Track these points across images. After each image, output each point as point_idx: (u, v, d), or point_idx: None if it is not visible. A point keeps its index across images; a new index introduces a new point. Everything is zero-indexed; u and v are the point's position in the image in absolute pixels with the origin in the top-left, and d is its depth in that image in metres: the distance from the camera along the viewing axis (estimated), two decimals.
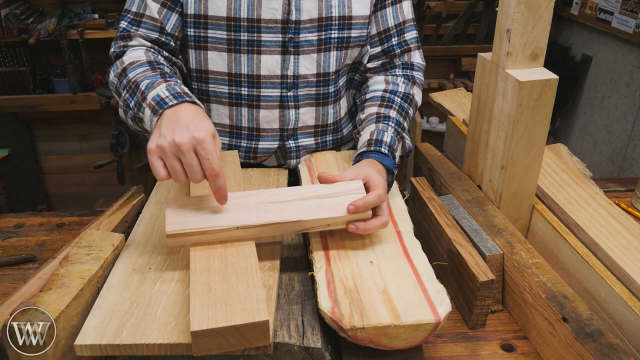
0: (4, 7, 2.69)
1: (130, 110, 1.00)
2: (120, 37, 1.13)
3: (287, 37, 1.11)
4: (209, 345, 0.67)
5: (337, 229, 0.89)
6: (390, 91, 1.16)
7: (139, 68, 1.02)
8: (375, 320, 0.71)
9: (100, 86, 3.05)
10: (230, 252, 0.80)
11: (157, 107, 0.90)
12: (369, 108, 1.14)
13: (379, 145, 1.04)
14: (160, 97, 0.92)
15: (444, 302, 0.75)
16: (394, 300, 0.75)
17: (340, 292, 0.77)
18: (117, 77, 1.06)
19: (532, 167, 1.00)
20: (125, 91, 1.01)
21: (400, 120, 1.12)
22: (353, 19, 1.13)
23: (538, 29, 0.94)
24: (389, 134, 1.06)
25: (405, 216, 0.95)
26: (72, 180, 3.32)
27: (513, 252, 0.89)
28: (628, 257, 0.87)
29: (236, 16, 1.09)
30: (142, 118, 0.96)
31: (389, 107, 1.13)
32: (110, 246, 0.87)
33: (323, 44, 1.13)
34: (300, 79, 1.15)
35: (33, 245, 1.10)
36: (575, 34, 2.98)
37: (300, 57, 1.13)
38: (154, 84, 0.95)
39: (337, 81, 1.20)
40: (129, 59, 1.06)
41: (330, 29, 1.12)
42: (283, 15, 1.09)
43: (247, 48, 1.12)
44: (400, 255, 0.85)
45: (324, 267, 0.83)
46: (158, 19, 1.11)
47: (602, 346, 0.71)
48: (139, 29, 1.11)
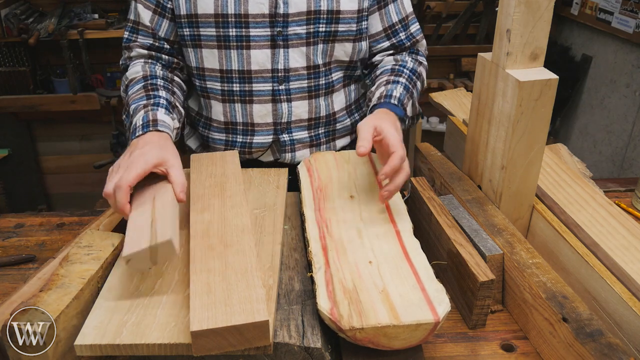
0: (4, 7, 2.69)
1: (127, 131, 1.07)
2: (125, 48, 1.20)
3: (275, 30, 1.13)
4: (209, 345, 0.67)
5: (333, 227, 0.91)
6: (399, 64, 1.23)
7: (134, 87, 1.10)
8: (374, 320, 0.71)
9: (100, 86, 3.05)
10: (230, 252, 0.80)
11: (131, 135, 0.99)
12: (379, 79, 1.21)
13: (388, 98, 1.11)
14: (136, 124, 1.00)
15: (443, 301, 0.74)
16: (393, 300, 0.75)
17: (339, 292, 0.77)
18: (124, 93, 1.15)
19: (532, 167, 1.00)
20: (125, 112, 1.11)
21: (410, 85, 1.18)
22: (341, 14, 1.15)
23: (538, 29, 0.94)
24: (399, 90, 1.14)
25: (405, 216, 0.95)
26: (72, 180, 3.33)
27: (513, 252, 0.89)
28: (628, 257, 0.87)
29: (224, 12, 1.11)
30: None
31: (399, 75, 1.19)
32: (110, 246, 0.87)
33: (311, 37, 1.16)
34: (292, 72, 1.17)
35: (33, 245, 1.10)
36: (575, 34, 2.98)
37: (290, 50, 1.15)
38: (136, 109, 1.04)
39: (329, 74, 1.22)
40: (130, 75, 1.14)
41: (318, 22, 1.14)
42: (270, 9, 1.11)
43: (237, 44, 1.14)
44: (399, 255, 0.85)
45: (323, 267, 0.83)
46: (150, 27, 1.17)
47: (602, 346, 0.71)
48: (138, 37, 1.18)
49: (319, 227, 0.93)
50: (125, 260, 0.75)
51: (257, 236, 0.91)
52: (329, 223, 0.93)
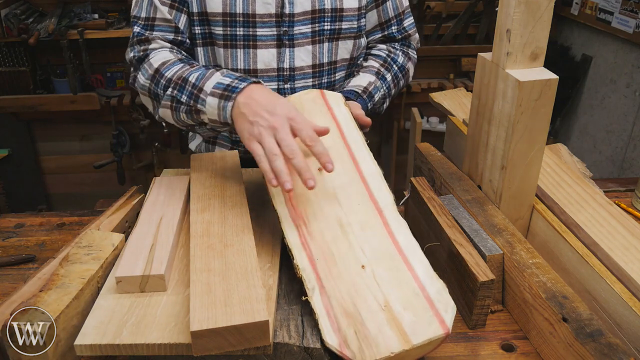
0: (4, 7, 2.69)
1: (182, 105, 0.99)
2: (138, 41, 1.13)
3: (281, 30, 1.13)
4: (209, 345, 0.67)
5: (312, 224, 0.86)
6: (391, 58, 1.29)
7: (174, 66, 1.03)
8: (385, 349, 0.68)
9: (101, 86, 3.04)
10: (230, 252, 0.80)
11: (226, 92, 0.92)
12: (372, 61, 1.27)
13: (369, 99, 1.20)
14: (223, 84, 0.93)
15: (449, 305, 0.73)
16: (399, 318, 0.72)
17: (342, 319, 0.73)
18: (150, 79, 1.06)
19: (532, 167, 1.00)
20: (170, 89, 1.01)
21: (391, 86, 1.28)
22: (344, 11, 1.17)
23: (538, 29, 0.93)
24: (380, 94, 1.23)
25: (381, 183, 0.90)
26: (72, 180, 3.32)
27: (513, 252, 0.89)
28: (628, 257, 0.87)
29: (232, 11, 1.11)
30: (200, 109, 0.96)
31: (388, 69, 1.26)
32: (110, 246, 0.87)
33: (317, 36, 1.17)
34: (297, 71, 1.18)
35: (33, 245, 1.10)
36: (575, 34, 2.98)
37: (296, 49, 1.16)
38: (205, 75, 0.96)
39: (333, 73, 1.23)
40: (158, 61, 1.06)
41: (323, 20, 1.16)
42: (277, 9, 1.12)
43: (244, 43, 1.15)
44: (391, 251, 0.81)
45: (317, 288, 0.77)
46: (171, 20, 1.12)
47: (602, 346, 0.71)
48: (154, 33, 1.12)
49: (297, 227, 0.86)
50: (117, 280, 0.77)
51: (257, 236, 0.91)
52: (306, 219, 0.86)
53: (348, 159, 0.95)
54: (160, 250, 0.82)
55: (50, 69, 2.95)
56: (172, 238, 0.86)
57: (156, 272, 0.78)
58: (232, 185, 0.99)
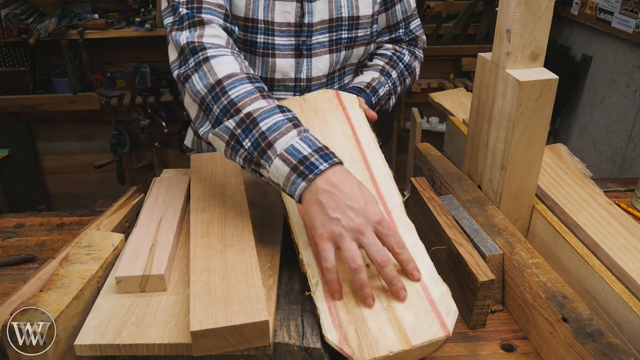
0: (4, 7, 2.69)
1: (243, 149, 0.82)
2: (191, 24, 0.93)
3: (300, 40, 1.11)
4: (209, 345, 0.67)
5: None
6: (397, 56, 1.29)
7: (241, 86, 0.86)
8: (385, 349, 0.68)
9: (101, 86, 3.05)
10: (230, 252, 0.80)
11: (302, 167, 0.77)
12: (377, 60, 1.27)
13: (373, 93, 1.20)
14: (299, 152, 0.78)
15: (451, 309, 0.73)
16: (401, 318, 0.72)
17: (343, 315, 0.73)
18: (207, 89, 0.87)
19: (532, 167, 1.00)
20: (232, 121, 0.84)
21: (397, 83, 1.27)
22: (360, 19, 1.16)
23: (538, 29, 0.93)
24: (384, 89, 1.23)
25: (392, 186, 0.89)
26: (72, 180, 3.32)
27: (513, 252, 0.89)
28: (628, 257, 0.87)
29: (254, 17, 1.08)
30: (263, 165, 0.81)
31: (393, 67, 1.26)
32: (110, 246, 0.87)
33: (334, 45, 1.16)
34: (314, 81, 1.17)
35: (33, 245, 1.10)
36: (575, 34, 2.98)
37: (313, 59, 1.14)
38: (279, 126, 0.80)
39: (342, 78, 1.23)
40: (223, 71, 0.88)
41: (340, 29, 1.15)
42: (296, 19, 1.10)
43: (262, 51, 1.12)
44: None
45: (320, 283, 0.78)
46: (223, 5, 0.98)
47: (602, 346, 0.71)
48: (202, 14, 0.96)
49: (304, 222, 0.84)
50: (117, 280, 0.77)
51: (257, 236, 0.91)
52: None
53: (359, 160, 0.96)
54: (160, 250, 0.82)
55: (50, 69, 2.95)
56: (172, 238, 0.86)
57: (156, 272, 0.78)
58: (232, 185, 0.99)
